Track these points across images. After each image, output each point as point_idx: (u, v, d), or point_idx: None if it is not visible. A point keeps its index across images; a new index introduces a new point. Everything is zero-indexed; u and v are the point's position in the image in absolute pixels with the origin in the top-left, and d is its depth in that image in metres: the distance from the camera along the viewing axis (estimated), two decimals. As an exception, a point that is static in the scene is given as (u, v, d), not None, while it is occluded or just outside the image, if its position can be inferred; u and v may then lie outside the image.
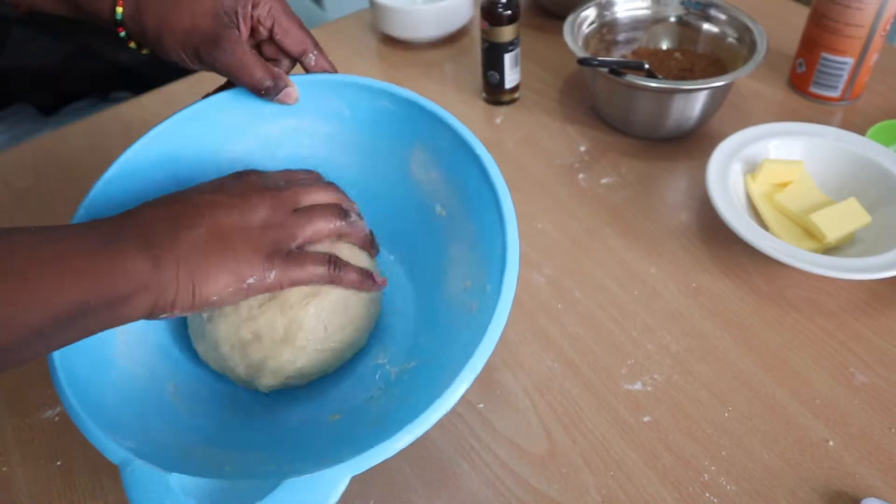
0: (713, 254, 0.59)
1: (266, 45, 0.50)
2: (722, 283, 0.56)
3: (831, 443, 0.46)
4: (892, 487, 0.43)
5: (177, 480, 0.35)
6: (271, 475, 0.35)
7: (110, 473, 0.47)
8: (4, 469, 0.48)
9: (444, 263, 0.50)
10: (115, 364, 0.43)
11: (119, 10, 0.47)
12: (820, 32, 0.70)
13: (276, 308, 0.44)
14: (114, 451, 0.36)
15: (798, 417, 0.47)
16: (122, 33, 0.48)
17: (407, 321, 0.51)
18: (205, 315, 0.46)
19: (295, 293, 0.44)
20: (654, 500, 0.44)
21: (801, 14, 0.82)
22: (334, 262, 0.43)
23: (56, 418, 0.50)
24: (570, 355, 0.52)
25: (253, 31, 0.49)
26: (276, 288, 0.40)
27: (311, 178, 0.47)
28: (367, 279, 0.45)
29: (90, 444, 0.48)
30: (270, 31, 0.49)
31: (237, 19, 0.47)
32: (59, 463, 0.48)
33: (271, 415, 0.47)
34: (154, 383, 0.45)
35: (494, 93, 0.76)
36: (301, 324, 0.44)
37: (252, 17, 0.48)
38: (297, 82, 0.50)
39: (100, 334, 0.37)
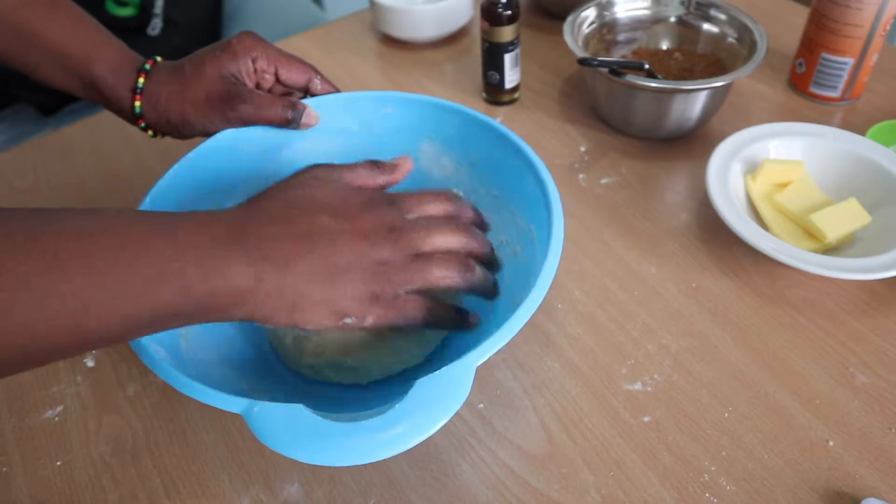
0: (713, 254, 0.59)
1: (273, 88, 0.55)
2: (722, 283, 0.56)
3: (831, 443, 0.46)
4: (892, 487, 0.43)
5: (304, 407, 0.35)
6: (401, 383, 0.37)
7: (110, 474, 0.47)
8: (4, 469, 0.48)
9: None
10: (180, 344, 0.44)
11: (137, 104, 0.52)
12: (820, 32, 0.70)
13: None
14: (233, 401, 0.36)
15: (798, 417, 0.47)
16: (143, 125, 0.53)
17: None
18: None
19: None
20: (654, 500, 0.44)
21: (801, 14, 0.82)
22: (431, 307, 0.41)
23: (56, 418, 0.50)
24: (570, 355, 0.52)
25: (257, 85, 0.53)
26: (369, 327, 0.39)
27: (443, 216, 0.44)
28: (461, 321, 0.43)
29: (89, 444, 0.48)
30: (275, 74, 0.53)
31: (242, 78, 0.52)
32: (59, 463, 0.48)
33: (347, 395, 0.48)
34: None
35: (494, 93, 0.76)
36: None
37: (255, 70, 0.52)
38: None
39: None
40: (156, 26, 1.02)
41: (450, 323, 0.42)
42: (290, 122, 0.52)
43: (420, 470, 0.46)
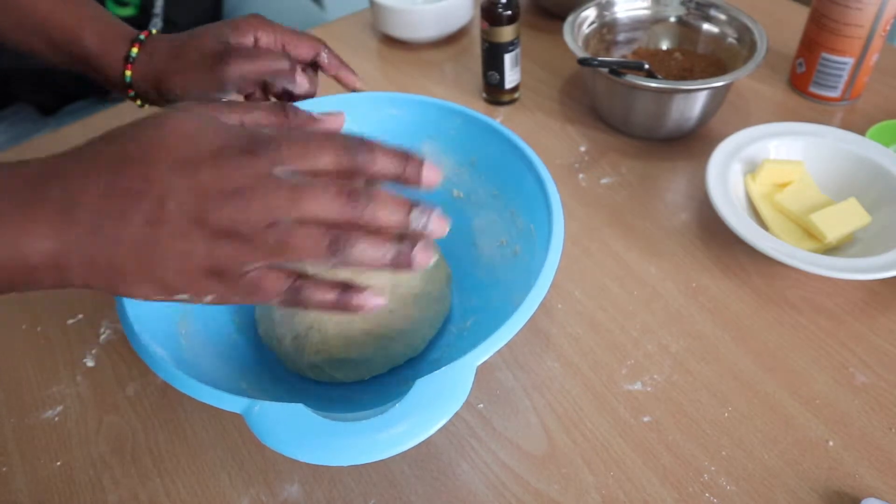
0: (713, 254, 0.59)
1: None
2: (722, 283, 0.56)
3: (831, 443, 0.46)
4: (892, 487, 0.43)
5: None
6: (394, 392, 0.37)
7: (110, 474, 0.47)
8: (4, 469, 0.48)
9: (471, 236, 0.54)
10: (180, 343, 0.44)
11: (128, 73, 0.50)
12: (820, 32, 0.70)
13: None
14: (233, 401, 0.36)
15: (798, 417, 0.47)
16: (132, 94, 0.51)
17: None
18: None
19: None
20: (654, 500, 0.44)
21: (801, 14, 0.82)
22: (296, 287, 0.33)
23: (56, 418, 0.50)
24: (570, 355, 0.52)
25: None
26: (211, 304, 0.33)
27: (334, 172, 0.34)
28: (343, 299, 0.34)
29: (89, 444, 0.48)
30: (282, 50, 0.52)
31: None
32: (58, 463, 0.48)
33: (345, 393, 0.49)
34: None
35: (494, 93, 0.76)
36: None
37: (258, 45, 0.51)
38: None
39: (165, 313, 0.40)
40: (156, 26, 1.02)
41: (322, 305, 0.34)
42: (288, 70, 0.50)
43: (420, 470, 0.46)
